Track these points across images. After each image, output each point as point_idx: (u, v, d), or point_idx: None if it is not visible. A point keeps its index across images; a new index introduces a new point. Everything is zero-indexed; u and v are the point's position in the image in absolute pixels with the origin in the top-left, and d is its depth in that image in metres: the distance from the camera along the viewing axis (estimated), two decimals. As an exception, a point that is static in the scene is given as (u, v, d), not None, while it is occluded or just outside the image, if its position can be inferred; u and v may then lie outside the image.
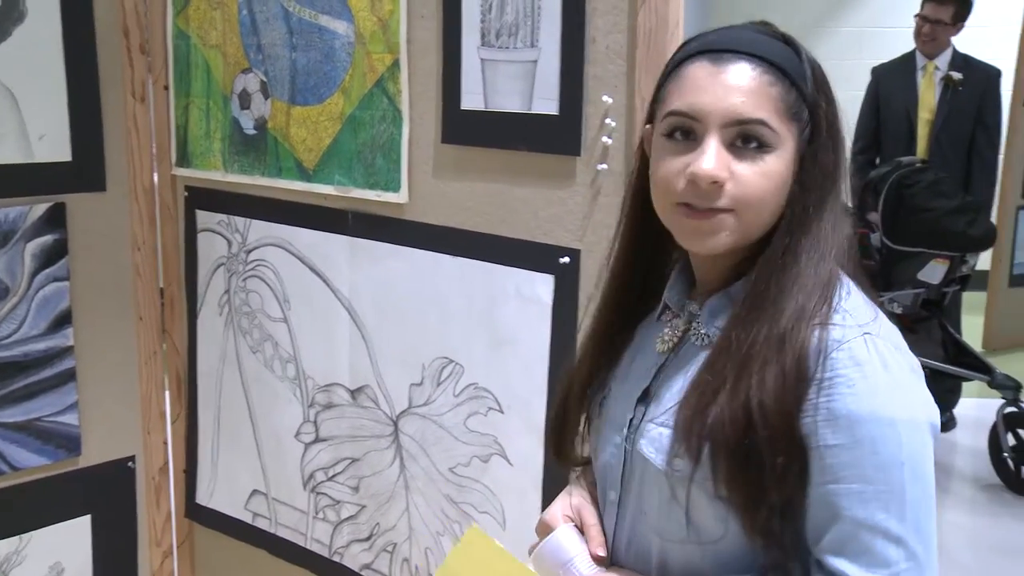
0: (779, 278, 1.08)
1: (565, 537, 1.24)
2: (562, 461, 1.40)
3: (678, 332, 1.20)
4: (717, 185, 1.06)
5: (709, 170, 1.06)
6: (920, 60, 4.29)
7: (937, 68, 4.28)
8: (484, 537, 1.32)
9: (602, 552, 1.23)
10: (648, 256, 1.28)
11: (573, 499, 1.32)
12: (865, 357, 1.03)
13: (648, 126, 1.20)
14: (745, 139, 1.07)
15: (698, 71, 1.10)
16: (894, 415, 1.02)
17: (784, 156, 1.09)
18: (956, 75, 4.19)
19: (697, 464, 1.07)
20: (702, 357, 1.14)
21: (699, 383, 1.10)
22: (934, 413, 1.07)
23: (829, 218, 1.10)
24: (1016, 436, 3.92)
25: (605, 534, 1.25)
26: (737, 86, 1.07)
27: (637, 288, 1.29)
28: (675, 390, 1.15)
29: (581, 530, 1.27)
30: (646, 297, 1.30)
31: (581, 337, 1.35)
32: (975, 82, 4.22)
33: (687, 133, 1.09)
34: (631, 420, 1.20)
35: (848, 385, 1.02)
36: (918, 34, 4.24)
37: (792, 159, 1.10)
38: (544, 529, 1.30)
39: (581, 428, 1.35)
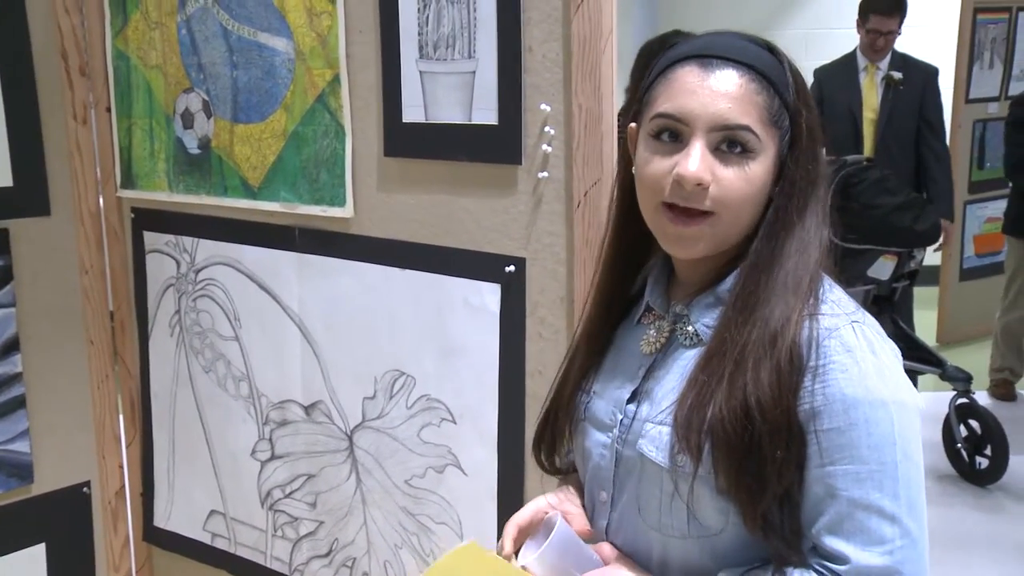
0: (767, 280, 1.11)
1: (567, 531, 1.21)
2: (549, 469, 1.39)
3: (664, 333, 1.22)
4: (701, 187, 1.09)
5: (694, 172, 1.08)
6: (862, 61, 4.35)
7: (879, 68, 4.33)
8: (481, 550, 1.30)
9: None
10: (636, 257, 1.30)
11: (556, 494, 1.32)
12: (855, 343, 1.07)
13: (632, 125, 1.22)
14: (730, 144, 1.10)
15: (687, 75, 1.13)
16: (885, 397, 1.06)
17: (765, 162, 1.12)
18: (897, 75, 4.26)
19: (699, 461, 1.09)
20: (692, 356, 1.16)
21: (695, 382, 1.12)
22: (917, 396, 1.12)
23: (812, 221, 1.13)
24: (968, 427, 3.97)
25: (596, 534, 1.27)
26: (724, 92, 1.10)
27: (627, 289, 1.31)
28: (668, 389, 1.17)
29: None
30: (631, 300, 1.31)
31: (572, 342, 1.35)
32: (915, 81, 4.29)
33: (674, 135, 1.12)
34: (621, 421, 1.21)
35: (841, 370, 1.06)
36: (871, 47, 4.27)
37: (773, 165, 1.13)
38: (519, 526, 1.29)
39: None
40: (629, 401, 1.21)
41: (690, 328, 1.19)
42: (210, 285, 2.25)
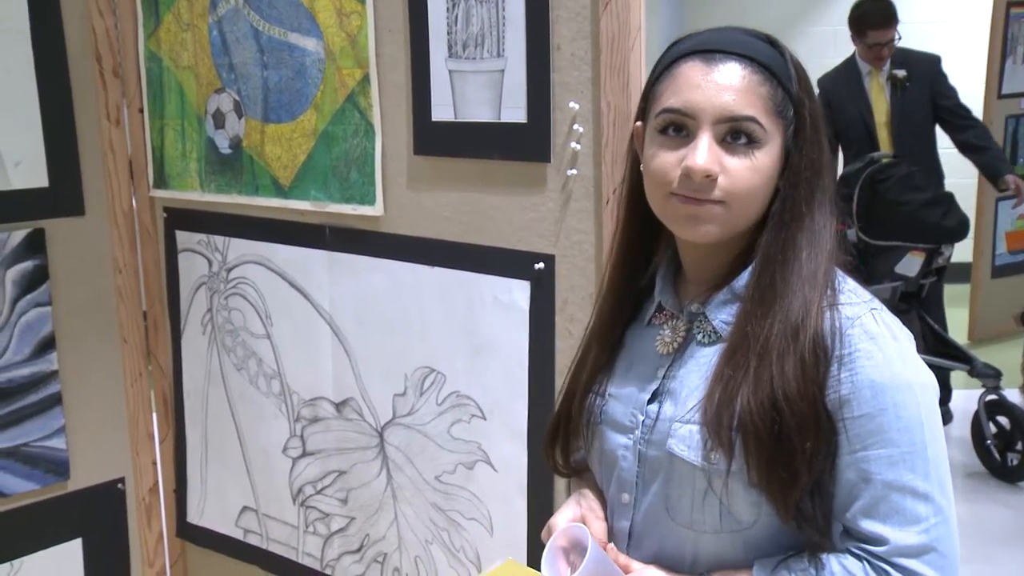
0: (782, 271, 1.12)
1: (599, 552, 1.19)
2: (563, 470, 1.38)
3: (680, 333, 1.22)
4: (710, 179, 1.10)
5: (703, 164, 1.09)
6: (864, 67, 4.30)
7: (881, 70, 4.28)
8: (521, 568, 1.30)
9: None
10: (645, 258, 1.30)
11: (580, 507, 1.30)
12: (877, 330, 1.09)
13: (638, 123, 1.22)
14: (735, 135, 1.11)
15: (691, 70, 1.13)
16: (910, 380, 1.09)
17: (772, 152, 1.12)
18: (900, 73, 4.20)
19: (732, 456, 1.10)
20: (712, 353, 1.17)
21: (720, 377, 1.12)
22: (933, 377, 1.13)
23: (820, 211, 1.14)
24: (997, 423, 3.93)
25: (616, 535, 1.26)
26: (729, 85, 1.11)
27: (636, 290, 1.30)
28: (693, 388, 1.17)
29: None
30: (638, 301, 1.31)
31: (583, 339, 1.35)
32: (920, 74, 4.23)
33: (680, 129, 1.13)
34: (643, 422, 1.20)
35: (868, 357, 1.08)
36: (876, 58, 4.22)
37: (779, 155, 1.14)
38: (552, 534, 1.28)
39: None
40: (650, 402, 1.21)
41: (708, 326, 1.19)
42: (242, 284, 2.27)
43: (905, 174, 3.83)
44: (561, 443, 1.35)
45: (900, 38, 4.21)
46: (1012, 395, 4.27)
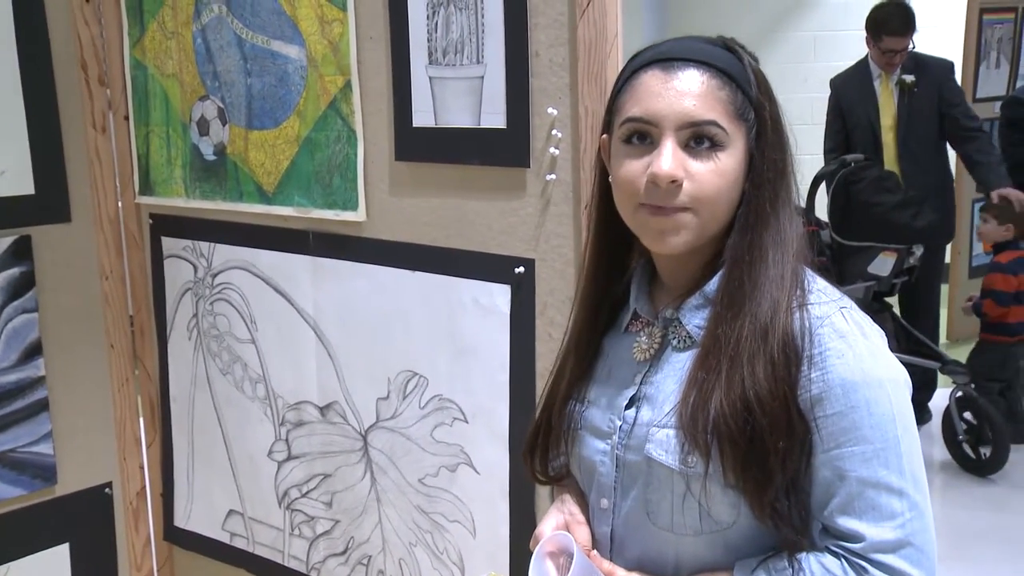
0: (750, 273, 1.11)
1: (584, 560, 1.17)
2: (542, 478, 1.35)
3: (656, 339, 1.21)
4: (676, 184, 1.09)
5: (668, 170, 1.09)
6: (875, 70, 4.25)
7: (892, 74, 4.24)
8: None
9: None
10: (617, 266, 1.28)
11: (562, 514, 1.28)
12: (847, 328, 1.09)
13: (604, 136, 1.21)
14: (698, 140, 1.10)
15: (651, 79, 1.13)
16: (881, 376, 1.08)
17: (735, 155, 1.12)
18: (908, 78, 4.14)
19: (708, 458, 1.09)
20: (687, 358, 1.15)
21: (694, 381, 1.12)
22: (905, 371, 1.12)
23: (785, 213, 1.14)
24: (967, 420, 3.94)
25: (598, 541, 1.24)
26: (689, 91, 1.11)
27: (610, 299, 1.29)
28: (669, 393, 1.15)
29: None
30: (614, 309, 1.29)
31: (561, 350, 1.33)
32: (930, 79, 4.15)
33: (644, 137, 1.13)
34: (620, 427, 1.19)
35: (838, 356, 1.07)
36: (888, 64, 4.15)
37: (743, 158, 1.13)
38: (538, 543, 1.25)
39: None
40: (628, 407, 1.19)
41: (682, 331, 1.18)
42: (226, 289, 2.25)
43: (877, 176, 3.84)
44: (540, 452, 1.32)
45: (914, 46, 4.12)
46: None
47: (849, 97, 4.23)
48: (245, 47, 2.08)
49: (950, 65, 4.24)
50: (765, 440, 1.06)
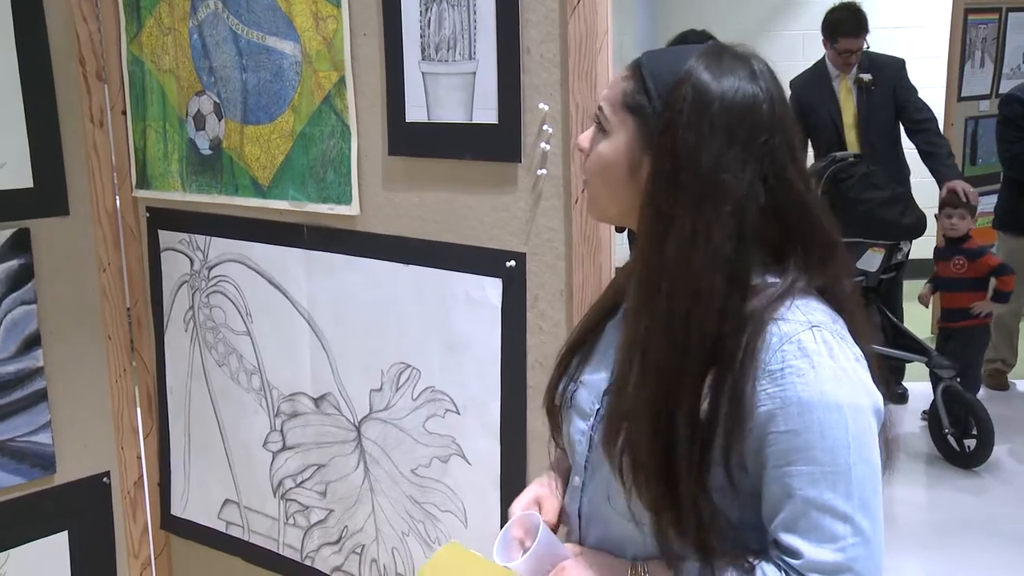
0: (635, 293, 1.13)
1: (548, 535, 1.18)
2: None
3: None
4: (582, 153, 1.20)
5: (577, 139, 1.23)
6: (833, 71, 4.30)
7: (849, 74, 4.29)
8: (464, 551, 1.27)
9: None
10: None
11: (540, 487, 1.32)
12: (813, 348, 1.05)
13: None
14: (599, 123, 1.17)
15: None
16: (840, 400, 1.04)
17: (615, 143, 1.14)
18: (866, 77, 4.22)
19: (622, 475, 1.10)
20: None
21: (611, 392, 1.16)
22: (877, 398, 1.08)
23: (692, 228, 1.06)
24: (953, 413, 3.94)
25: (569, 517, 1.26)
26: (613, 80, 1.19)
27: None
28: None
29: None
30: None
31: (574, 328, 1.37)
32: (885, 77, 4.25)
33: None
34: (597, 410, 1.20)
35: (798, 375, 1.04)
36: (845, 64, 4.23)
37: (629, 149, 1.13)
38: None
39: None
40: (607, 391, 1.20)
41: None
42: (222, 282, 2.23)
43: (865, 173, 3.83)
44: (551, 415, 1.35)
45: (868, 46, 4.22)
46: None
47: (810, 98, 4.28)
48: (241, 43, 2.06)
49: (902, 63, 4.33)
50: (648, 474, 1.08)
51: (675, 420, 1.06)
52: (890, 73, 4.25)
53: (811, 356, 1.05)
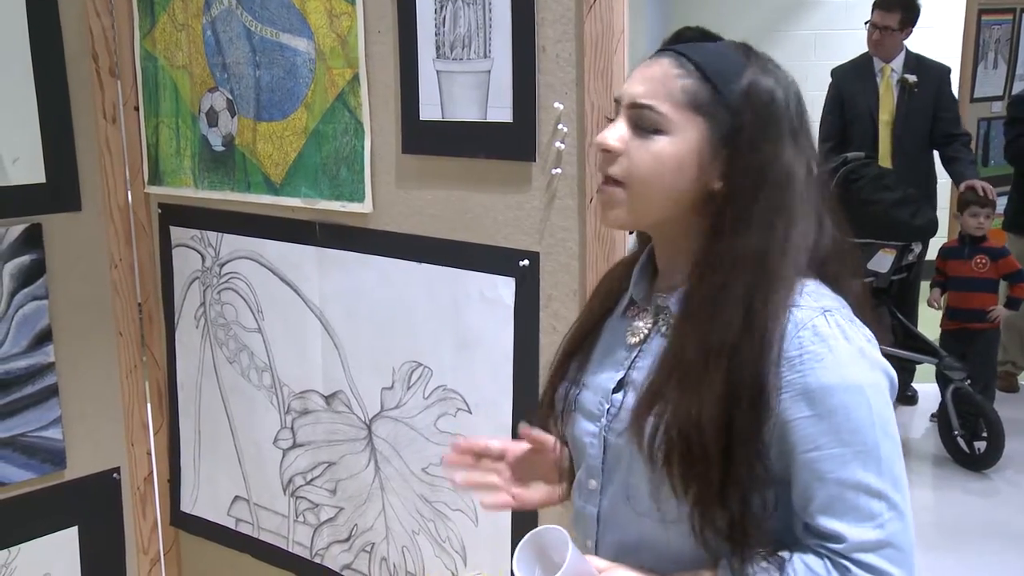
0: (710, 285, 1.09)
1: (579, 555, 1.13)
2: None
3: (648, 325, 1.20)
4: (610, 154, 1.12)
5: (599, 138, 1.13)
6: (877, 63, 4.24)
7: (893, 71, 4.23)
8: None
9: None
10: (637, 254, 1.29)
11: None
12: (828, 332, 1.06)
13: None
14: (641, 121, 1.12)
15: (639, 66, 1.16)
16: (860, 381, 1.06)
17: (679, 144, 1.10)
18: (911, 78, 4.17)
19: (653, 462, 1.08)
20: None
21: (648, 381, 1.12)
22: (892, 374, 1.11)
23: (768, 224, 1.09)
24: (962, 415, 3.92)
25: (585, 520, 1.24)
26: (645, 75, 1.13)
27: (619, 285, 1.28)
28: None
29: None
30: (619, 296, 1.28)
31: (564, 337, 1.33)
32: (928, 81, 4.18)
33: (615, 116, 1.16)
34: (608, 410, 1.19)
35: (817, 360, 1.05)
36: (869, 40, 4.21)
37: (695, 149, 1.10)
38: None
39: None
40: (616, 391, 1.19)
41: (672, 319, 1.17)
42: (234, 278, 2.23)
43: (877, 174, 3.82)
44: (541, 420, 1.34)
45: (907, 36, 4.15)
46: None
47: (851, 88, 4.25)
48: (254, 39, 2.06)
49: (948, 70, 4.30)
50: (708, 456, 1.05)
51: (740, 404, 1.06)
52: (935, 77, 4.21)
53: (827, 340, 1.06)
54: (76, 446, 2.33)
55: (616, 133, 1.12)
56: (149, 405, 2.47)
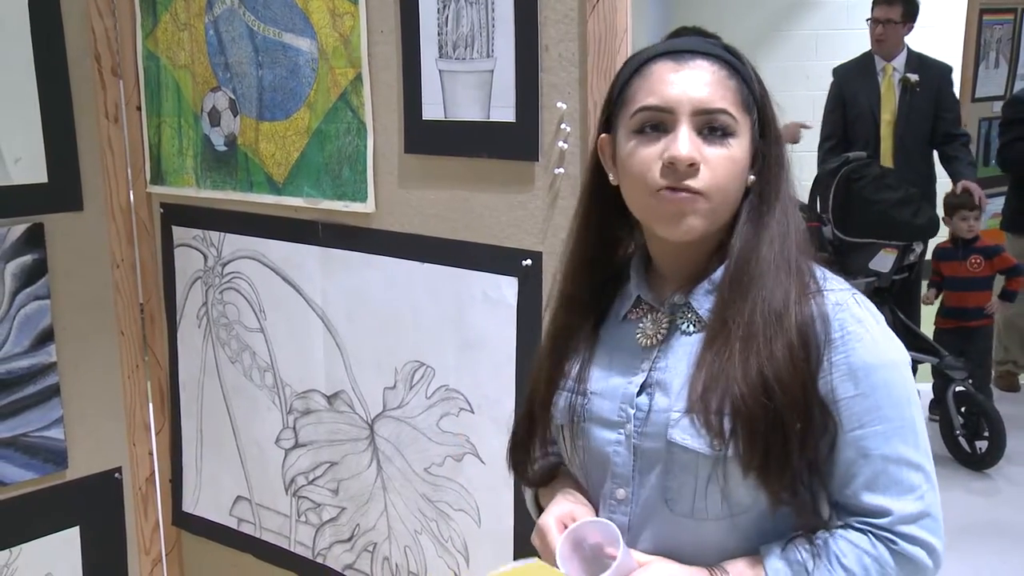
0: (758, 261, 1.12)
1: (627, 550, 1.13)
2: (522, 476, 1.32)
3: (663, 325, 1.19)
4: (694, 167, 1.09)
5: (687, 152, 1.09)
6: (879, 62, 4.25)
7: (895, 70, 4.24)
8: (549, 568, 1.18)
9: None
10: (602, 264, 1.26)
11: (566, 506, 1.23)
12: (862, 314, 1.11)
13: (603, 135, 1.20)
14: (711, 127, 1.11)
15: (663, 69, 1.13)
16: (895, 358, 1.12)
17: (743, 145, 1.13)
18: (913, 77, 4.17)
19: (724, 440, 1.08)
20: (697, 341, 1.15)
21: (702, 364, 1.11)
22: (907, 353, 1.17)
23: (789, 206, 1.15)
24: (963, 415, 3.92)
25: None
26: (702, 79, 1.12)
27: (596, 292, 1.26)
28: (685, 378, 1.13)
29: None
30: (602, 300, 1.27)
31: (540, 346, 1.31)
32: (930, 80, 4.19)
33: (657, 126, 1.12)
34: (635, 415, 1.16)
35: (858, 340, 1.09)
36: (872, 36, 4.21)
37: (748, 149, 1.13)
38: (541, 537, 1.21)
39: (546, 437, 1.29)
40: (639, 395, 1.17)
41: (693, 315, 1.17)
42: (236, 278, 2.23)
43: (879, 174, 3.82)
44: (523, 446, 1.30)
45: (910, 29, 4.16)
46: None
47: (853, 87, 4.25)
48: (257, 39, 2.06)
49: (950, 69, 4.30)
50: (784, 421, 1.07)
51: (805, 355, 1.09)
52: (936, 77, 4.21)
53: (864, 321, 1.10)
54: (78, 446, 2.33)
55: (690, 144, 1.09)
56: (151, 405, 2.47)
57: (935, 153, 4.31)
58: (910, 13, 4.16)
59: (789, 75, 4.39)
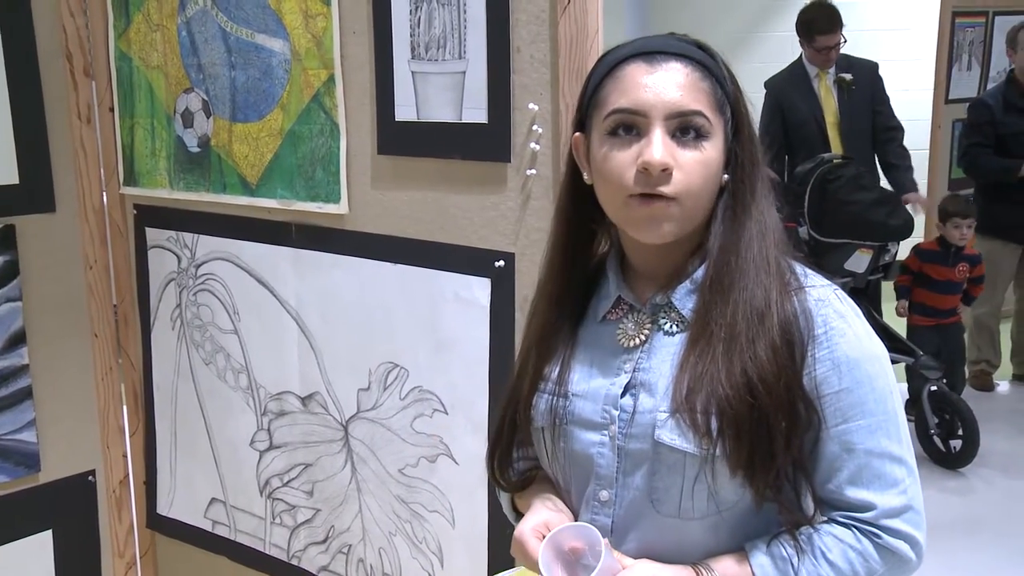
0: (737, 261, 1.12)
1: (611, 555, 1.12)
2: (506, 485, 1.30)
3: (645, 326, 1.18)
4: (667, 172, 1.09)
5: (660, 158, 1.08)
6: (811, 69, 4.33)
7: (828, 73, 4.32)
8: None
9: None
10: (582, 261, 1.25)
11: (545, 514, 1.21)
12: (844, 309, 1.12)
13: (577, 134, 1.19)
14: (684, 130, 1.10)
15: (635, 71, 1.12)
16: (877, 352, 1.12)
17: (717, 146, 1.12)
18: (847, 77, 4.29)
19: (710, 438, 1.08)
20: (680, 341, 1.14)
21: (688, 365, 1.11)
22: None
23: (765, 204, 1.15)
24: (938, 414, 3.95)
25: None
26: (675, 82, 1.11)
27: (575, 293, 1.25)
28: (670, 378, 1.13)
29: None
30: (582, 301, 1.26)
31: (521, 348, 1.29)
32: (862, 78, 4.31)
33: (630, 128, 1.11)
34: (619, 416, 1.15)
35: (841, 335, 1.10)
36: (825, 61, 4.27)
37: (722, 149, 1.13)
38: (520, 548, 1.18)
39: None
40: (623, 396, 1.16)
41: (676, 315, 1.16)
42: (210, 280, 2.22)
43: (854, 175, 3.84)
44: (502, 456, 1.28)
45: (846, 41, 4.25)
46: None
47: (790, 97, 4.32)
48: (230, 40, 2.05)
49: (876, 65, 4.39)
50: (769, 420, 1.07)
51: (788, 353, 1.10)
52: (868, 74, 4.32)
53: (845, 316, 1.11)
54: (51, 449, 2.31)
55: (663, 148, 1.08)
56: (125, 407, 2.45)
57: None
58: (842, 27, 4.25)
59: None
